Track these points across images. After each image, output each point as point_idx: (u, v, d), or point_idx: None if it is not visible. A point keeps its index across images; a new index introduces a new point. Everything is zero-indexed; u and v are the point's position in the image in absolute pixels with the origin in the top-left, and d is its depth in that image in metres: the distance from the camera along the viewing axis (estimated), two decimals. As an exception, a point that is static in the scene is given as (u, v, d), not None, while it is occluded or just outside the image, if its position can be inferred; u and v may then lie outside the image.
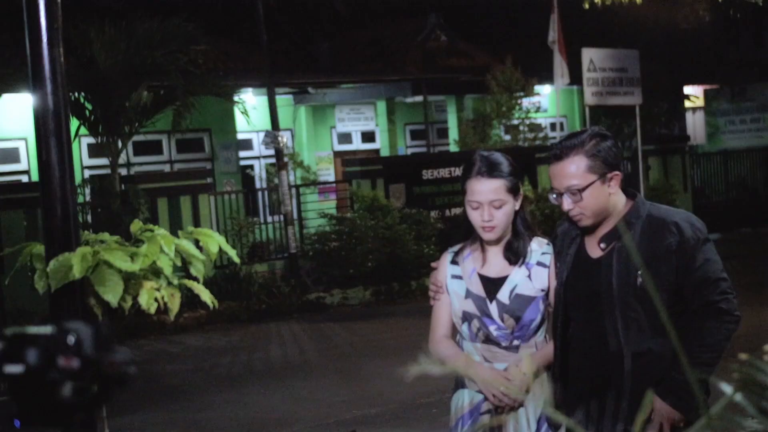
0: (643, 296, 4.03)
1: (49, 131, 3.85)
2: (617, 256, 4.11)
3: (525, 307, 4.33)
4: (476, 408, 4.42)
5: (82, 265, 3.67)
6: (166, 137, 20.44)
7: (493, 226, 4.31)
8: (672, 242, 4.08)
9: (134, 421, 9.28)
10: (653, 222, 4.14)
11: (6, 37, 16.96)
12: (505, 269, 4.40)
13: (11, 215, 14.79)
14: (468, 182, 4.33)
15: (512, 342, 4.35)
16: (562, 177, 4.09)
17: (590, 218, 4.13)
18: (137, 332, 13.66)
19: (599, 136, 4.14)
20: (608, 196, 4.11)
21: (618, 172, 4.14)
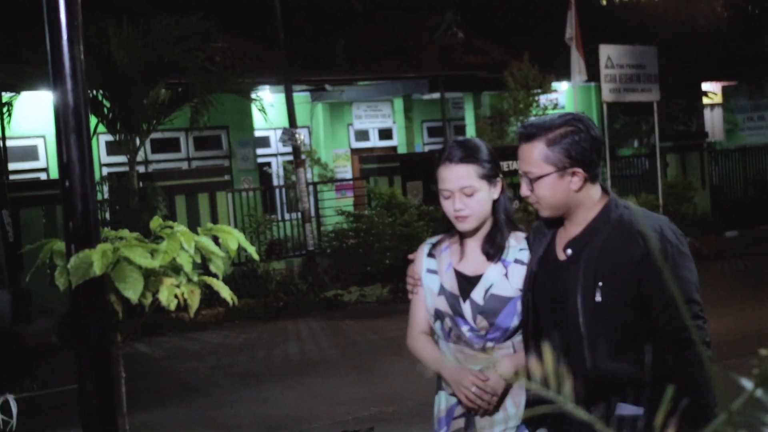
0: (604, 311, 3.63)
1: (70, 129, 3.87)
2: (584, 264, 3.69)
3: (500, 309, 4.01)
4: (450, 412, 4.15)
5: (102, 261, 3.68)
6: (183, 135, 20.49)
7: (466, 215, 4.02)
8: (636, 254, 3.61)
9: (153, 417, 9.31)
10: (621, 229, 3.68)
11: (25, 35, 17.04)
12: (482, 266, 4.09)
13: (30, 212, 14.85)
14: (438, 170, 4.06)
15: (485, 344, 4.05)
16: (522, 160, 3.74)
17: (547, 210, 3.76)
18: (156, 329, 13.70)
19: (572, 125, 3.69)
20: (568, 192, 3.70)
21: (580, 169, 3.68)
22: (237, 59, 18.98)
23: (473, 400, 3.98)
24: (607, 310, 3.62)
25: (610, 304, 3.61)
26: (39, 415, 8.93)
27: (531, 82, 21.59)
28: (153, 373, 11.41)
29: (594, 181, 3.74)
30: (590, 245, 3.68)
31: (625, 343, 3.64)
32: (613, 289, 3.61)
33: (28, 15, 17.49)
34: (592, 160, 3.71)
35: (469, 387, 3.97)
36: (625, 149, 25.21)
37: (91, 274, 3.65)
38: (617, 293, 3.61)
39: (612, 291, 3.61)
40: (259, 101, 17.73)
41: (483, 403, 4.00)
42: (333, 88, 22.60)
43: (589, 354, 3.67)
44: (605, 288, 3.61)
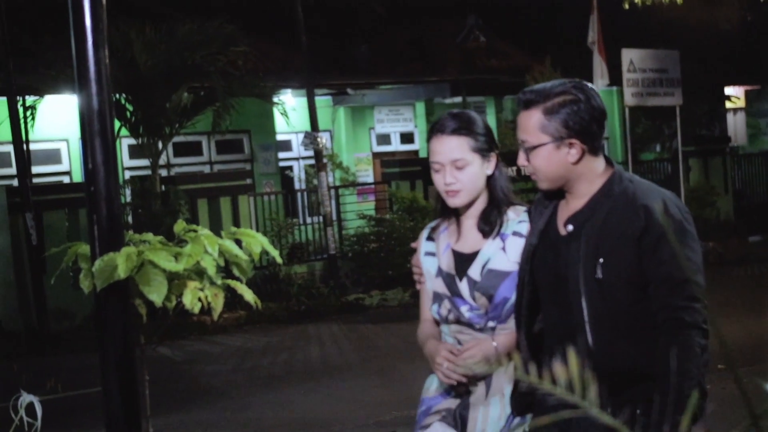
0: (605, 290, 3.47)
1: (95, 132, 3.89)
2: (585, 240, 3.52)
3: (499, 284, 3.83)
4: (443, 393, 3.98)
5: (127, 265, 3.70)
6: (206, 138, 20.53)
7: (457, 189, 3.86)
8: (636, 228, 3.45)
9: (175, 420, 9.33)
10: (623, 202, 3.52)
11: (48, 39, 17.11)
12: (478, 243, 3.92)
13: (53, 215, 14.92)
14: (429, 143, 3.92)
15: (487, 323, 3.86)
16: (520, 127, 3.59)
17: (544, 182, 3.60)
18: (178, 332, 13.74)
19: (571, 93, 3.52)
20: (565, 164, 3.53)
21: (578, 140, 3.51)
22: (259, 63, 19.02)
23: (448, 375, 3.81)
24: (609, 287, 3.48)
25: (612, 282, 3.47)
26: (63, 417, 8.97)
27: (553, 86, 21.53)
28: (175, 376, 11.45)
29: (595, 154, 3.58)
30: (592, 220, 3.54)
31: (628, 323, 3.49)
32: (614, 266, 3.46)
33: (52, 18, 17.57)
34: (591, 131, 3.55)
35: (441, 362, 3.81)
36: (648, 154, 25.16)
37: (115, 278, 3.67)
38: (618, 270, 3.46)
39: (613, 267, 3.46)
40: (281, 105, 17.77)
41: (458, 377, 3.81)
42: (355, 92, 22.62)
43: (591, 334, 3.51)
44: (606, 264, 3.47)
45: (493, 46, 24.91)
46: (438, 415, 3.92)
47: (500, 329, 3.85)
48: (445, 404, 3.94)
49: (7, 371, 4.75)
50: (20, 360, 12.52)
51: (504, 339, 3.82)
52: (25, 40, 17.62)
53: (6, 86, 14.46)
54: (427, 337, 3.99)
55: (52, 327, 14.37)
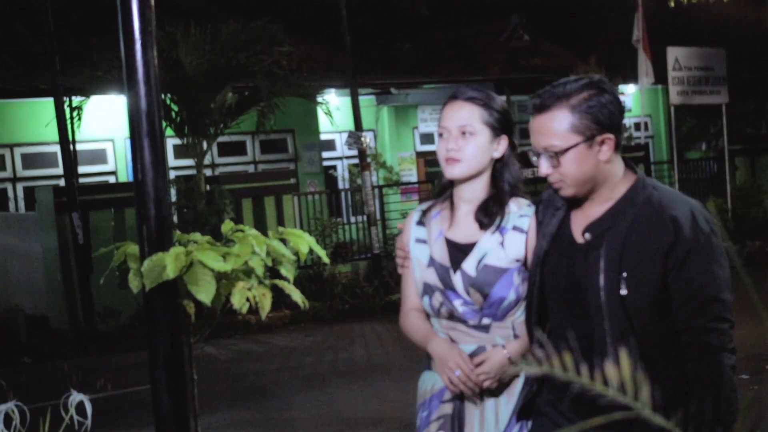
0: (629, 306, 3.26)
1: (143, 133, 3.91)
2: (606, 252, 3.30)
3: (495, 281, 3.60)
4: (439, 394, 3.76)
5: (175, 264, 3.72)
6: (250, 138, 20.62)
7: (457, 158, 3.64)
8: (665, 242, 3.23)
9: (221, 419, 9.38)
10: (649, 212, 3.29)
11: (93, 41, 17.27)
12: (474, 233, 3.68)
13: (99, 215, 15.02)
14: (443, 109, 3.74)
15: (481, 320, 3.65)
16: (540, 134, 3.33)
17: (572, 187, 3.35)
18: (223, 331, 13.80)
19: (595, 87, 3.32)
20: (596, 164, 3.31)
21: (611, 135, 3.30)
22: (303, 63, 19.05)
23: (456, 384, 3.61)
24: (633, 304, 3.25)
25: (637, 298, 3.25)
26: (112, 416, 9.05)
27: (597, 85, 21.44)
28: (221, 375, 11.50)
29: (618, 151, 3.36)
30: (613, 230, 3.30)
31: (655, 341, 3.28)
32: (639, 281, 3.24)
33: (97, 20, 17.73)
34: (620, 124, 3.36)
35: (453, 369, 3.60)
36: (693, 152, 24.98)
37: (164, 278, 3.69)
38: (644, 286, 3.24)
39: (638, 283, 3.24)
40: (325, 104, 17.81)
41: (466, 389, 3.62)
42: (398, 92, 22.62)
43: (613, 353, 3.23)
44: (630, 279, 3.24)
45: (537, 45, 24.86)
46: (437, 423, 3.75)
47: (496, 327, 3.65)
48: (443, 410, 3.75)
49: (56, 370, 4.81)
50: (68, 359, 12.62)
51: (517, 347, 3.64)
52: (71, 41, 17.80)
53: (53, 87, 14.57)
54: (429, 332, 3.77)
55: (98, 326, 14.47)
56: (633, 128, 23.72)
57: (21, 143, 18.64)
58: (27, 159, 18.77)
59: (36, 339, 14.24)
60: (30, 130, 18.49)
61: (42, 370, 11.99)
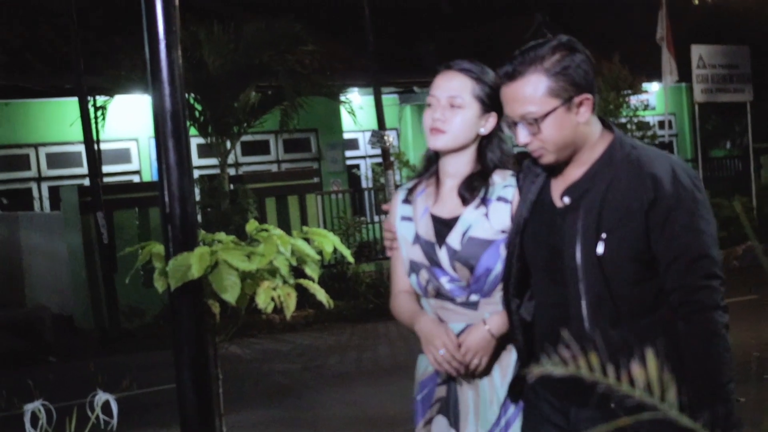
0: (607, 267, 3.14)
1: (168, 133, 3.92)
2: (584, 214, 3.19)
3: (480, 253, 3.49)
4: (433, 377, 3.68)
5: (200, 264, 3.73)
6: (273, 137, 20.66)
7: (442, 129, 3.54)
8: (645, 199, 3.11)
9: (246, 418, 9.39)
10: (627, 171, 3.18)
11: (118, 41, 17.30)
12: (458, 207, 3.59)
13: (124, 214, 15.07)
14: (434, 79, 3.66)
15: (469, 297, 3.54)
16: (516, 102, 3.21)
17: (553, 154, 3.24)
18: (246, 331, 13.82)
19: (566, 47, 3.22)
20: (576, 127, 3.20)
21: (589, 95, 3.21)
22: (326, 62, 19.06)
23: (440, 363, 3.51)
24: (611, 264, 3.14)
25: (615, 258, 3.14)
26: (138, 415, 9.08)
27: (621, 83, 21.38)
28: (245, 374, 11.52)
29: (594, 111, 3.26)
30: (592, 191, 3.20)
31: (632, 305, 3.16)
32: (618, 241, 3.12)
33: (121, 20, 17.78)
34: (594, 83, 3.26)
35: (438, 347, 3.49)
36: (718, 150, 24.88)
37: (189, 277, 3.70)
38: (623, 245, 3.13)
39: (617, 242, 3.13)
40: (348, 104, 17.81)
41: (451, 369, 3.51)
42: (421, 90, 22.61)
43: (588, 317, 3.18)
44: (609, 239, 3.13)
45: (561, 44, 24.77)
46: (437, 405, 3.66)
47: (484, 303, 3.54)
48: (438, 393, 3.66)
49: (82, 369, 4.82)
50: (93, 358, 12.67)
51: (497, 321, 3.51)
52: (95, 41, 17.86)
53: (77, 87, 14.63)
54: (414, 310, 3.66)
55: (123, 325, 14.52)
56: (657, 126, 23.62)
57: (46, 143, 18.73)
58: (52, 159, 18.85)
59: (61, 338, 14.30)
60: (55, 130, 18.58)
61: (67, 369, 12.04)
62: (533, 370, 1.72)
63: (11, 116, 18.39)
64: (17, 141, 18.53)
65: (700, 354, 3.08)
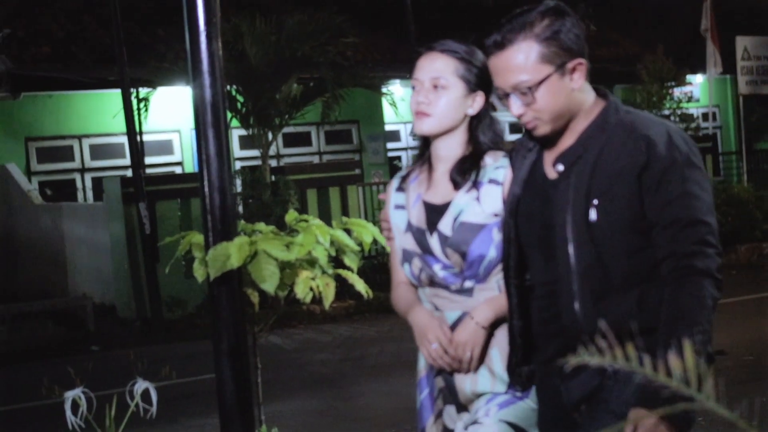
0: (599, 235, 2.99)
1: (208, 124, 3.93)
2: (575, 180, 3.05)
3: (472, 238, 3.36)
4: (432, 370, 3.58)
5: (240, 254, 3.74)
6: (315, 129, 20.69)
7: (427, 112, 3.44)
8: (637, 162, 2.97)
9: (285, 408, 9.42)
10: (620, 134, 3.04)
11: (160, 33, 17.40)
12: (450, 192, 3.47)
13: (166, 205, 15.15)
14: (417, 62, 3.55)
15: (463, 284, 3.41)
16: (508, 72, 3.06)
17: (548, 124, 3.09)
18: (287, 321, 13.87)
19: (554, 11, 3.09)
20: (570, 93, 3.07)
21: (582, 59, 3.09)
22: (368, 53, 19.09)
23: (435, 359, 3.40)
24: (603, 232, 3.00)
25: (607, 225, 2.99)
26: (177, 403, 9.14)
27: (665, 75, 21.26)
28: (285, 365, 11.56)
29: (587, 78, 3.13)
30: (584, 157, 3.07)
31: (622, 275, 3.01)
32: (611, 207, 2.98)
33: (163, 12, 17.88)
34: (586, 47, 3.14)
35: (431, 341, 3.39)
36: (763, 143, 24.66)
37: (228, 267, 3.71)
38: (615, 211, 2.98)
39: (609, 208, 2.98)
40: (389, 95, 17.81)
41: (444, 364, 3.41)
42: (463, 82, 22.56)
43: (579, 289, 3.03)
44: (601, 206, 2.99)
45: (603, 35, 24.65)
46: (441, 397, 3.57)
47: (480, 289, 3.40)
48: (438, 384, 3.57)
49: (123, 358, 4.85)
50: (134, 347, 12.76)
51: (484, 311, 3.37)
52: (139, 33, 17.96)
53: (120, 79, 14.72)
54: (410, 302, 3.56)
55: (165, 315, 14.61)
56: (701, 119, 23.47)
57: (89, 134, 18.87)
58: (95, 150, 18.99)
59: (104, 327, 14.42)
60: (98, 122, 18.70)
61: (109, 358, 12.13)
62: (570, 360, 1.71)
63: (55, 108, 18.53)
64: (61, 132, 18.67)
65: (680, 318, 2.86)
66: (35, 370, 11.48)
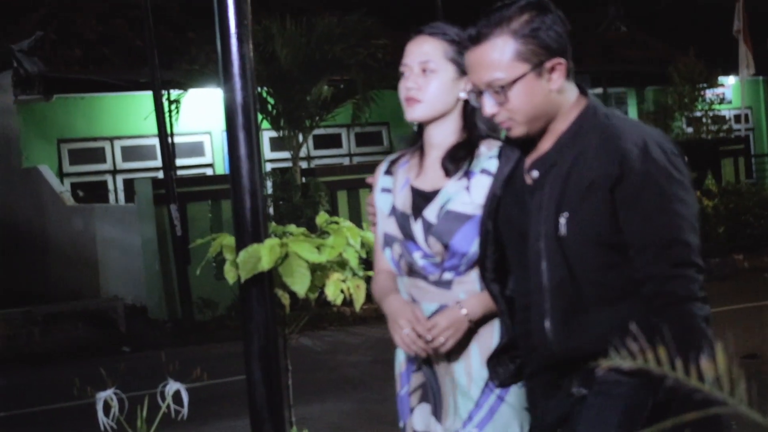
0: (569, 250, 2.82)
1: (239, 126, 3.94)
2: (549, 190, 2.87)
3: (456, 229, 3.22)
4: (410, 365, 3.47)
5: (270, 256, 3.75)
6: (345, 131, 20.71)
7: (417, 98, 3.32)
8: (610, 176, 2.77)
9: (315, 410, 9.43)
10: (595, 142, 2.84)
11: (192, 35, 17.46)
12: (442, 180, 3.33)
13: (197, 207, 15.20)
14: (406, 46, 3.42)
15: (442, 275, 3.28)
16: (481, 68, 2.90)
17: (523, 125, 2.91)
18: (317, 323, 13.88)
19: (535, 7, 2.91)
20: (547, 95, 2.90)
21: (562, 59, 2.91)
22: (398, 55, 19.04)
23: (408, 344, 3.25)
24: (574, 247, 2.82)
25: (578, 240, 2.81)
26: (208, 405, 9.16)
27: (697, 77, 21.17)
28: (315, 366, 11.57)
29: (570, 77, 2.97)
30: (559, 165, 2.89)
31: (596, 293, 2.84)
32: (580, 220, 2.80)
33: (194, 15, 17.95)
34: (567, 46, 2.96)
35: (403, 326, 3.24)
36: (795, 145, 24.52)
37: (259, 269, 3.72)
38: (584, 225, 2.80)
39: (580, 224, 2.81)
40: (419, 97, 17.78)
41: (419, 350, 3.25)
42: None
43: (550, 307, 2.87)
44: (571, 219, 2.81)
45: (634, 37, 24.57)
46: (417, 393, 3.46)
47: (458, 282, 3.28)
48: (416, 380, 3.45)
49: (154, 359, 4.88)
50: (165, 348, 12.81)
51: (475, 304, 3.24)
52: (170, 36, 18.04)
53: (152, 81, 14.78)
54: (387, 290, 3.43)
55: (196, 316, 14.66)
56: (733, 120, 23.34)
57: (121, 136, 18.95)
58: (126, 151, 19.07)
59: (135, 328, 14.48)
60: (129, 123, 18.78)
61: (140, 359, 12.19)
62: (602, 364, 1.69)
63: (87, 110, 18.63)
64: (93, 134, 18.77)
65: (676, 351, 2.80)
66: (67, 370, 11.55)
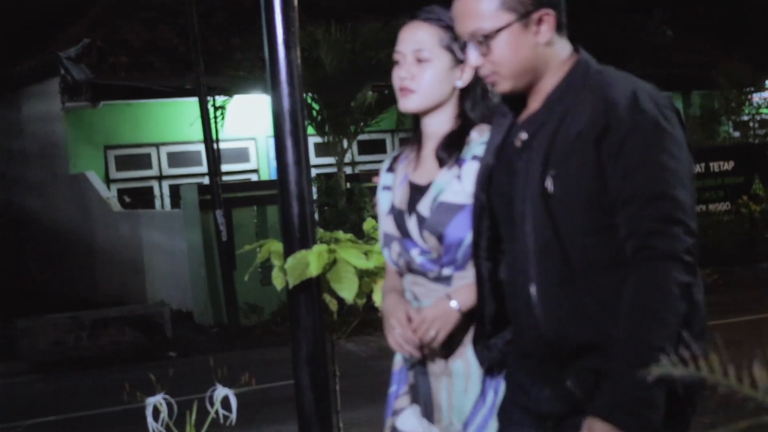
0: (557, 210, 2.65)
1: (286, 132, 3.96)
2: (537, 148, 2.71)
3: (449, 220, 3.09)
4: (406, 364, 3.41)
5: (318, 262, 3.76)
6: (389, 136, 20.70)
7: (411, 88, 3.19)
8: (596, 126, 2.60)
9: (361, 415, 9.43)
10: (584, 98, 2.68)
11: (237, 41, 17.54)
12: (435, 172, 3.21)
13: (242, 212, 15.25)
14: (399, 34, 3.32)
15: (441, 271, 3.15)
16: (466, 17, 2.77)
17: (508, 80, 2.76)
18: (363, 328, 13.87)
19: None
20: (535, 48, 2.75)
21: (550, 10, 2.77)
22: (442, 61, 19.05)
23: (400, 345, 3.17)
24: (562, 207, 2.65)
25: (566, 198, 2.64)
26: (256, 410, 9.19)
27: (743, 80, 20.99)
28: (362, 372, 11.57)
29: (561, 32, 2.83)
30: (548, 123, 2.74)
31: (588, 260, 2.67)
32: (568, 177, 2.64)
33: (239, 22, 18.03)
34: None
35: (393, 326, 3.16)
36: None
37: (307, 275, 3.73)
38: (574, 183, 2.64)
39: (567, 179, 2.64)
40: (463, 102, 17.76)
41: (411, 350, 3.15)
42: (538, 89, 22.46)
43: (536, 272, 2.71)
44: (559, 176, 2.65)
45: (680, 40, 24.41)
46: (407, 396, 3.41)
47: (459, 277, 3.14)
48: (409, 379, 3.39)
49: (201, 364, 4.90)
50: (212, 353, 12.87)
51: (465, 294, 3.09)
52: (215, 42, 18.13)
53: (197, 87, 14.86)
54: (388, 290, 3.34)
55: (242, 321, 14.70)
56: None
57: (166, 142, 19.05)
58: (172, 157, 19.17)
59: (181, 333, 14.54)
60: (175, 130, 18.88)
61: (187, 364, 12.23)
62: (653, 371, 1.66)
63: (133, 116, 18.74)
64: (139, 141, 18.88)
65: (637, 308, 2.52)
66: (114, 375, 11.63)
